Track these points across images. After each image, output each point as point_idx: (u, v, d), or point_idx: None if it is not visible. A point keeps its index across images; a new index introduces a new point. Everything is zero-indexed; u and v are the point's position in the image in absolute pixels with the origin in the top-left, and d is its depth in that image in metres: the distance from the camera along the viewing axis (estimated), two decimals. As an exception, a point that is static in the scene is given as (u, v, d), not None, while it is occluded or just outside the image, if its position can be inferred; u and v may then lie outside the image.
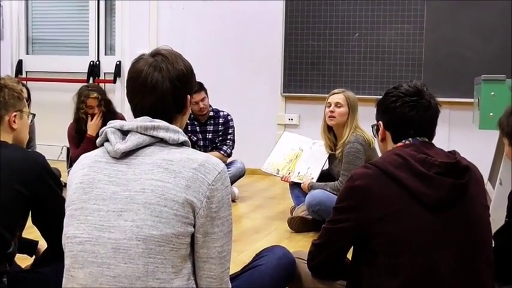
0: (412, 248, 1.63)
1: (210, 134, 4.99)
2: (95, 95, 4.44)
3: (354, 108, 3.91)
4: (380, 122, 1.88)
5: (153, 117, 1.57)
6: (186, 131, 4.94)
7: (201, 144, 4.98)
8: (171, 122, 1.59)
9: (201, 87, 4.82)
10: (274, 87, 6.21)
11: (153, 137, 1.55)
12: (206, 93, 4.91)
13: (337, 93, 3.95)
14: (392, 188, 1.67)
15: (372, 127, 1.97)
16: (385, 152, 1.84)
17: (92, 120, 4.51)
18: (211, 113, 5.00)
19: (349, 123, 3.88)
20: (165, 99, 1.57)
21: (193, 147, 3.76)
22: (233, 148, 5.01)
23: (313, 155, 4.20)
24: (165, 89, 1.57)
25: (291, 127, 6.17)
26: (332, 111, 3.88)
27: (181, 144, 1.58)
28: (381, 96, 1.90)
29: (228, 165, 4.85)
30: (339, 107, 3.88)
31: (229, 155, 4.99)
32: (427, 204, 1.65)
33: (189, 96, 1.62)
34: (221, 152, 4.93)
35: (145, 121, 1.56)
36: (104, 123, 4.30)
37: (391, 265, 1.63)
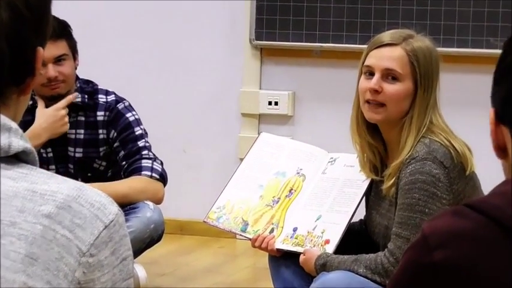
0: None
1: (80, 149, 5.18)
2: None
3: (428, 78, 3.99)
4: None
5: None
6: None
7: (54, 167, 5.11)
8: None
9: (62, 31, 4.95)
10: (232, 28, 6.38)
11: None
12: (72, 49, 5.06)
13: (389, 43, 4.02)
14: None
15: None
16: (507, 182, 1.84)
17: None
18: (78, 99, 5.16)
19: (415, 115, 3.97)
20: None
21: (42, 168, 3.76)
22: (162, 164, 5.20)
23: (330, 189, 4.30)
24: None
25: (276, 121, 6.35)
26: (376, 91, 3.95)
27: (17, 158, 1.66)
28: (497, 50, 1.89)
29: (126, 213, 4.89)
30: (393, 79, 3.97)
31: (165, 179, 5.19)
32: None
33: (41, 49, 1.76)
34: (142, 173, 5.11)
35: None
36: None
37: None
